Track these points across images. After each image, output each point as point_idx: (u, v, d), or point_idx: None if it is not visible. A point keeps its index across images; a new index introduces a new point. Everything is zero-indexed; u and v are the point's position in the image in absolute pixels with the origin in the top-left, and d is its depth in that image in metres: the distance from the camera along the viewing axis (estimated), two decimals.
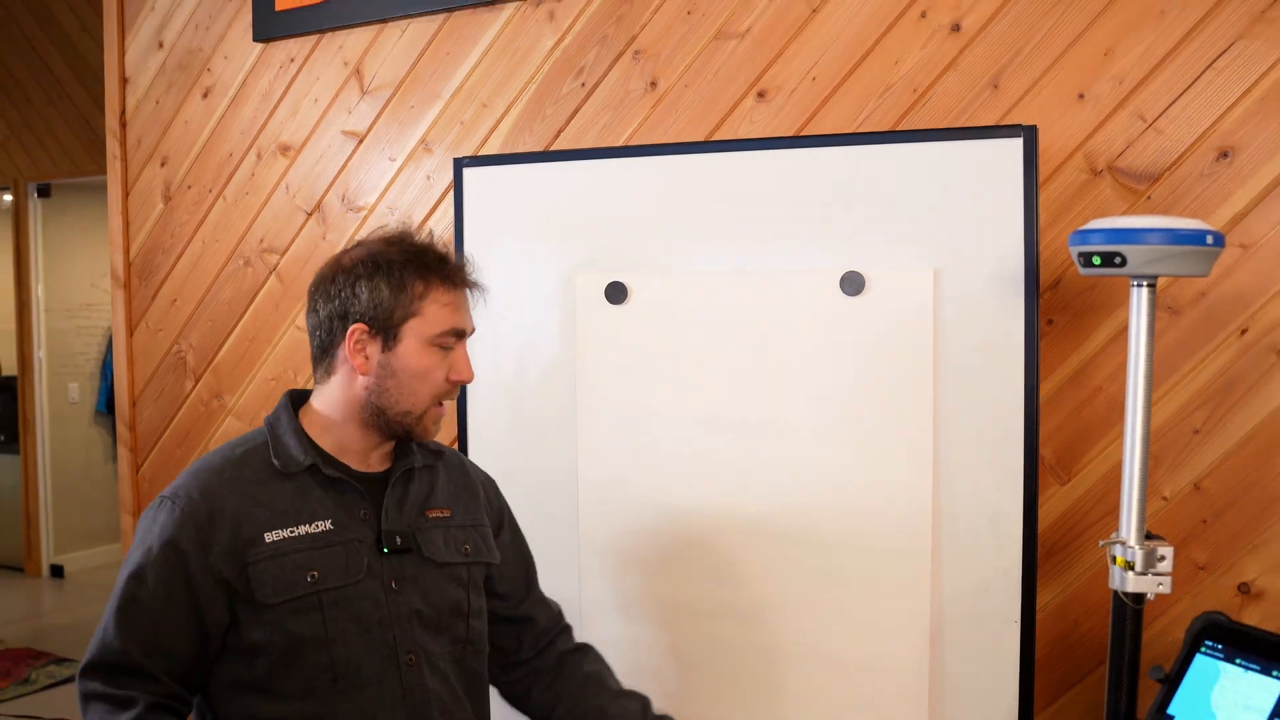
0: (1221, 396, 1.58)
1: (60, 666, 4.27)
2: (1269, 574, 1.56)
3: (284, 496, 1.31)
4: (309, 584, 1.27)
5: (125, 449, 2.64)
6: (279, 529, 1.29)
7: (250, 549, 1.27)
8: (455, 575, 1.40)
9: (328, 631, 1.27)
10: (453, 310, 1.34)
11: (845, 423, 1.70)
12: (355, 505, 1.34)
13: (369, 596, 1.31)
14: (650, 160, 1.83)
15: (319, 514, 1.31)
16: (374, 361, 1.32)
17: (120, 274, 2.65)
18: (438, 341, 1.33)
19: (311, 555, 1.29)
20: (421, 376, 1.32)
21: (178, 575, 1.25)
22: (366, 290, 1.31)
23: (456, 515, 1.44)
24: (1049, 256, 1.66)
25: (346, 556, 1.31)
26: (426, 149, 2.19)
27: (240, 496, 1.29)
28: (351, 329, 1.31)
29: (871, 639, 1.69)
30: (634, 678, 1.81)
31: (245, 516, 1.28)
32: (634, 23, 1.96)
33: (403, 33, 2.21)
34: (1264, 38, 1.54)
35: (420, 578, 1.35)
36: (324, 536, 1.31)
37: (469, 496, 1.48)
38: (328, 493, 1.33)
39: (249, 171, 2.43)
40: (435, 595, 1.36)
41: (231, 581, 1.26)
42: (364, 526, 1.34)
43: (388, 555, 1.33)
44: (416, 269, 1.33)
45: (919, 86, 1.74)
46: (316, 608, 1.28)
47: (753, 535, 1.75)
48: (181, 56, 2.52)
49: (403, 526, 1.36)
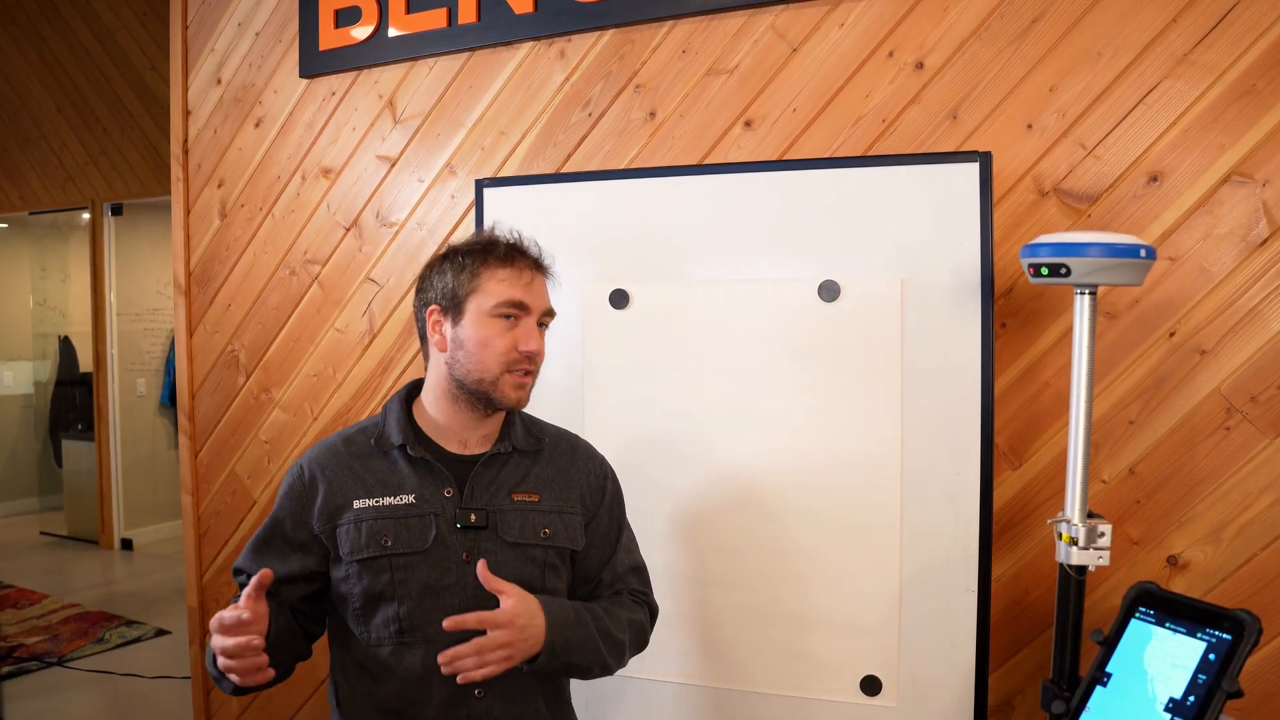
0: (1153, 391, 1.57)
1: (130, 628, 4.25)
2: (1194, 548, 1.55)
3: (378, 470, 1.33)
4: (382, 547, 1.29)
5: (185, 437, 2.63)
6: (367, 498, 1.32)
7: (341, 513, 1.31)
8: (530, 555, 1.34)
9: (396, 590, 1.28)
10: (509, 284, 1.31)
11: (823, 413, 1.69)
12: (441, 483, 1.33)
13: (438, 565, 1.29)
14: (650, 181, 1.82)
15: (405, 488, 1.32)
16: (447, 337, 1.32)
17: (182, 282, 2.64)
18: (497, 312, 1.29)
19: (390, 523, 1.30)
20: (485, 345, 1.29)
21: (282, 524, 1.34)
22: (438, 278, 1.34)
23: (545, 500, 1.37)
24: (1002, 267, 1.64)
25: (422, 528, 1.30)
26: (451, 171, 2.18)
27: (340, 468, 1.34)
28: (429, 311, 1.34)
29: (845, 604, 1.68)
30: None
31: (341, 485, 1.33)
32: (635, 60, 1.95)
33: (430, 69, 2.19)
34: (1186, 78, 1.53)
35: (494, 553, 1.31)
36: (404, 508, 1.31)
37: (564, 485, 1.40)
38: (416, 470, 1.33)
39: (294, 192, 2.42)
40: (506, 570, 1.31)
41: (323, 539, 1.32)
42: (447, 503, 1.32)
43: (462, 530, 1.31)
44: (478, 253, 1.33)
45: (887, 117, 1.73)
46: (387, 569, 1.29)
47: (743, 513, 1.74)
48: (237, 91, 2.51)
49: (482, 505, 1.33)
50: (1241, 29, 1.50)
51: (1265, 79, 1.49)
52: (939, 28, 1.69)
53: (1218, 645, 1.09)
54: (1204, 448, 1.54)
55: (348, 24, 2.26)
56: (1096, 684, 1.18)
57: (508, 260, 1.32)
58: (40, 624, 4.29)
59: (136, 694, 3.54)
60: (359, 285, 2.30)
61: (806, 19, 1.79)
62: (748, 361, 1.73)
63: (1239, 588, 1.52)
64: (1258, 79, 1.49)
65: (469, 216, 2.13)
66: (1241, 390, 1.52)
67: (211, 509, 2.59)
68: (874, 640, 1.66)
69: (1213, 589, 1.54)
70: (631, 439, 1.80)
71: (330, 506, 1.32)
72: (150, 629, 4.24)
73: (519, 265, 1.33)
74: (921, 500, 1.63)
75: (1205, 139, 1.52)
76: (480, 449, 1.37)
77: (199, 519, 2.61)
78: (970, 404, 1.60)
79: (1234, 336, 1.52)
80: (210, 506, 2.60)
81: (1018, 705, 1.67)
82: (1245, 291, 1.51)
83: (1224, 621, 1.11)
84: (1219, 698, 1.06)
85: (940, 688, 1.63)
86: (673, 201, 1.79)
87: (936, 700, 1.63)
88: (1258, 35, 1.49)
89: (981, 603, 1.60)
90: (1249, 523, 1.51)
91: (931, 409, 1.62)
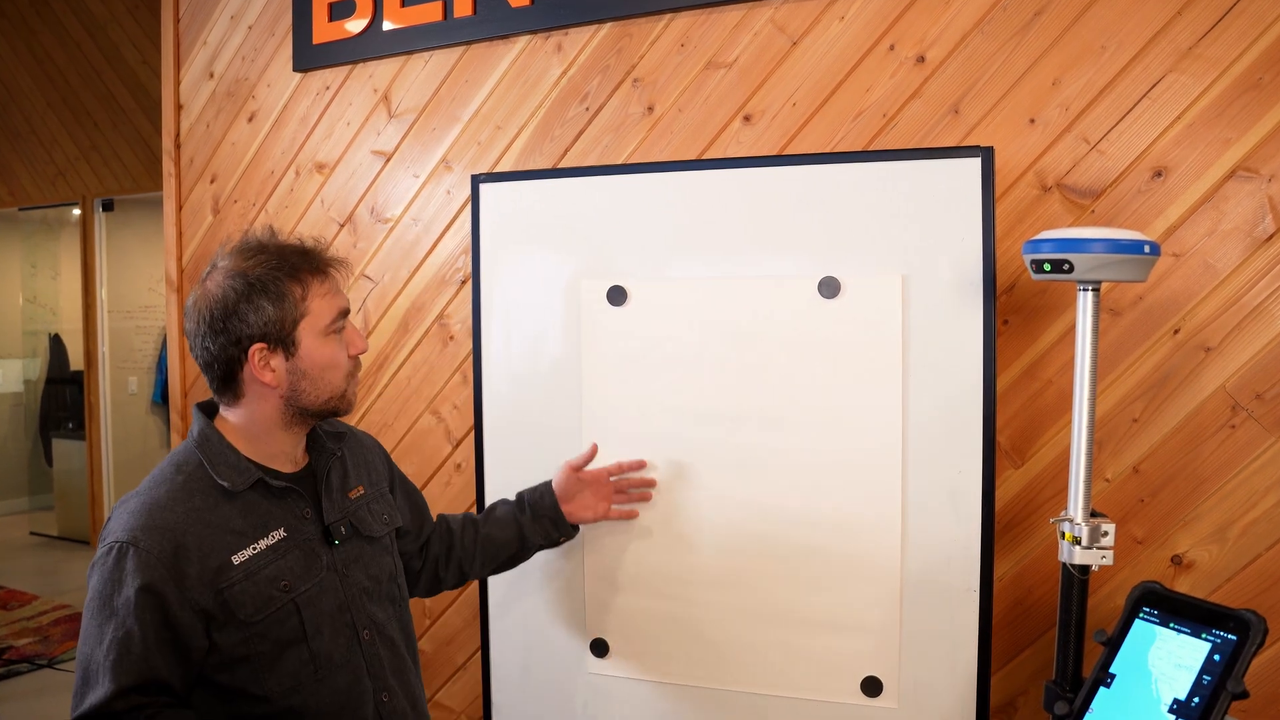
0: (1157, 389, 1.57)
1: None
2: (1198, 547, 1.55)
3: (236, 515, 1.23)
4: (284, 592, 1.22)
5: (177, 435, 2.62)
6: (242, 549, 1.21)
7: (222, 575, 1.18)
8: (384, 545, 1.39)
9: (306, 631, 1.23)
10: (332, 297, 1.28)
11: (823, 412, 1.68)
12: (297, 507, 1.29)
13: (330, 588, 1.28)
14: (648, 177, 1.82)
15: (271, 524, 1.25)
16: (281, 372, 1.25)
17: (174, 279, 2.63)
18: (331, 330, 1.27)
19: (278, 566, 1.23)
20: (329, 365, 1.27)
21: (159, 616, 1.13)
22: (251, 312, 1.21)
23: (368, 490, 1.41)
24: (1005, 263, 1.64)
25: (305, 557, 1.27)
26: (447, 167, 2.17)
27: (198, 525, 1.19)
28: (251, 351, 1.22)
29: (846, 604, 1.67)
30: (633, 643, 1.81)
31: (208, 545, 1.18)
32: (633, 54, 1.95)
33: (426, 63, 2.19)
34: (1191, 71, 1.53)
35: (361, 556, 1.33)
36: (282, 545, 1.25)
37: (369, 468, 1.44)
38: (272, 502, 1.27)
39: (288, 187, 2.41)
40: (374, 568, 1.34)
41: (210, 610, 1.17)
42: (310, 525, 1.30)
43: (337, 545, 1.31)
44: (287, 274, 1.23)
45: (888, 111, 1.73)
46: (294, 613, 1.23)
47: (741, 512, 1.73)
48: (229, 85, 2.50)
49: (340, 514, 1.33)
50: (1247, 22, 1.49)
51: (1271, 73, 1.48)
52: (940, 21, 1.68)
53: (1223, 646, 1.09)
54: (1209, 446, 1.54)
55: (342, 17, 2.26)
56: (1100, 685, 1.18)
57: (322, 271, 1.28)
58: (30, 625, 4.28)
59: None
60: (354, 282, 2.30)
61: (806, 12, 1.78)
62: (747, 359, 1.73)
63: (1244, 587, 1.52)
64: (1264, 73, 1.49)
65: (465, 212, 2.13)
66: (1246, 388, 1.52)
67: None
68: (875, 641, 1.66)
69: (1218, 589, 1.53)
70: (629, 437, 1.80)
71: (208, 572, 1.17)
72: None
73: (329, 271, 1.29)
74: (923, 499, 1.63)
75: (1211, 134, 1.52)
76: (303, 461, 1.35)
77: None
78: (972, 402, 1.59)
79: (1239, 333, 1.52)
80: None
81: (1020, 706, 1.67)
82: (1251, 288, 1.51)
83: (1229, 621, 1.10)
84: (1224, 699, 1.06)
85: (942, 689, 1.63)
86: (671, 197, 1.78)
87: (938, 701, 1.63)
88: (1264, 29, 1.49)
89: (984, 603, 1.60)
90: (1254, 522, 1.51)
91: (933, 407, 1.62)
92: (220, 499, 1.22)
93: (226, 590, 1.18)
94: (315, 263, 1.27)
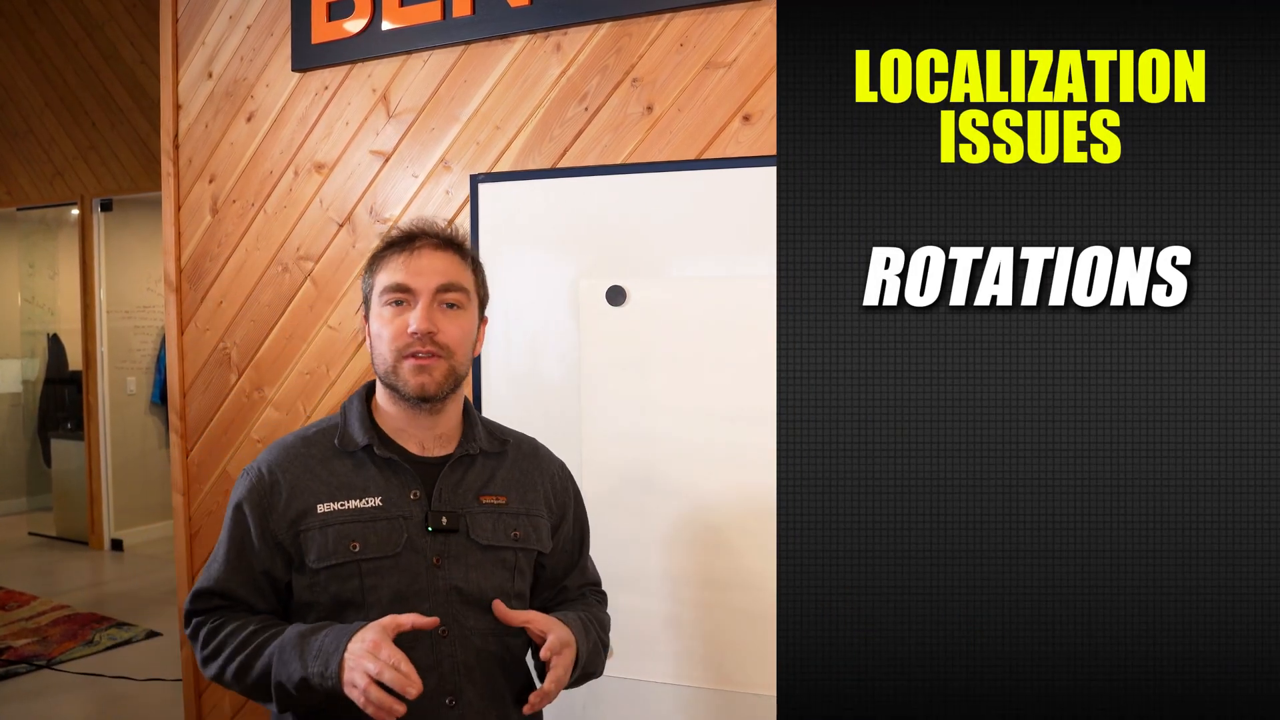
0: None
1: (120, 629, 4.26)
2: None
3: (341, 473, 1.30)
4: (350, 553, 1.25)
5: (176, 435, 2.63)
6: (330, 501, 1.28)
7: (304, 518, 1.27)
8: (501, 558, 1.33)
9: (365, 597, 1.25)
10: (393, 270, 1.29)
11: None
12: (407, 485, 1.30)
13: (408, 570, 1.27)
14: (646, 176, 1.82)
15: (370, 490, 1.29)
16: (367, 337, 1.34)
17: (172, 279, 2.63)
18: (384, 300, 1.29)
19: (356, 527, 1.26)
20: (378, 335, 1.30)
21: (240, 532, 1.29)
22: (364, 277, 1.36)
23: (512, 502, 1.36)
24: None
25: (390, 531, 1.27)
26: (446, 167, 2.18)
27: (302, 470, 1.29)
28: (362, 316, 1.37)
29: None
30: (637, 644, 1.81)
31: (303, 489, 1.28)
32: (632, 54, 1.95)
33: (425, 63, 2.19)
34: None
35: (465, 557, 1.30)
36: (371, 511, 1.28)
37: (529, 487, 1.40)
38: (381, 471, 1.30)
39: (287, 187, 2.42)
40: (478, 574, 1.30)
41: (286, 545, 1.27)
42: (414, 506, 1.29)
43: (433, 534, 1.29)
44: (386, 244, 1.33)
45: None
46: (356, 575, 1.25)
47: (741, 512, 1.74)
48: (228, 85, 2.50)
49: (452, 508, 1.31)
50: None
51: None
52: None
53: None
54: None
55: (341, 17, 2.26)
56: None
57: (402, 246, 1.31)
58: (29, 626, 4.29)
59: (127, 697, 3.54)
60: (352, 282, 2.30)
61: None
62: (746, 358, 1.73)
63: None
64: None
65: (464, 212, 2.13)
66: None
67: (203, 509, 2.59)
68: None
69: None
70: (629, 436, 1.81)
71: (293, 511, 1.27)
72: (141, 631, 4.24)
73: (414, 247, 1.30)
74: None
75: None
76: (439, 451, 1.35)
77: (190, 519, 2.61)
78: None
79: None
80: (202, 506, 2.60)
81: None
82: None
83: None
84: None
85: None
86: (670, 197, 1.79)
87: None
88: None
89: None
90: None
91: None
92: (334, 455, 1.31)
93: (303, 533, 1.26)
94: (401, 237, 1.33)
